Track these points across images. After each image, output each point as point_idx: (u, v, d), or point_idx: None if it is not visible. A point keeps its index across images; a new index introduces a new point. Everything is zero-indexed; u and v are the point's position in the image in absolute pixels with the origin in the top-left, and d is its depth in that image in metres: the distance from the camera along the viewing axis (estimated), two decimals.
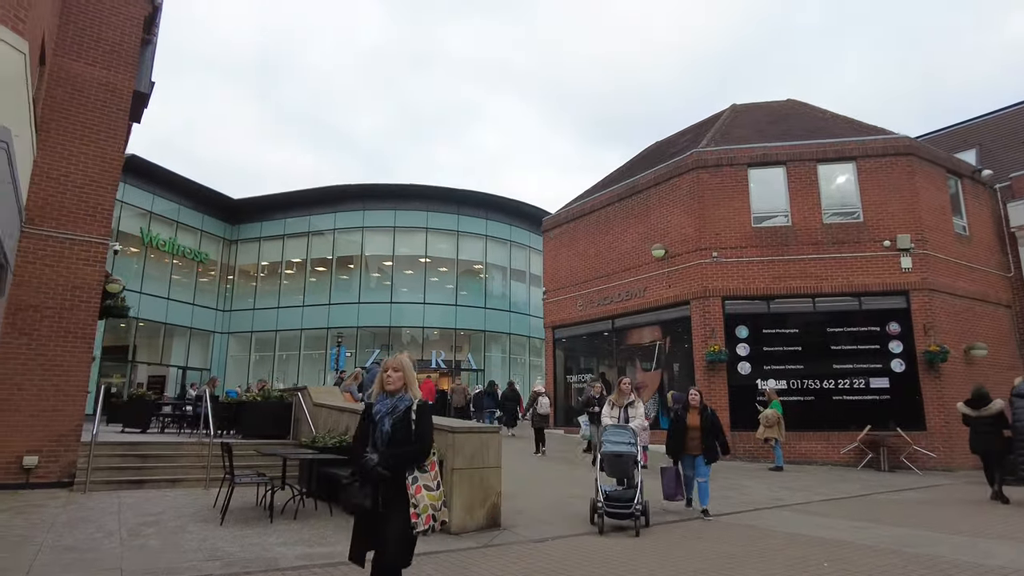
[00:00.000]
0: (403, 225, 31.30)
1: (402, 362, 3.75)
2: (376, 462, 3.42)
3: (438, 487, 3.58)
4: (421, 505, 3.42)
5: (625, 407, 7.92)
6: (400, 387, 3.68)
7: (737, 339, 14.83)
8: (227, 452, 7.49)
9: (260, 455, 9.04)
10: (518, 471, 11.30)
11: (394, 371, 3.70)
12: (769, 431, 13.12)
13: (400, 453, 3.50)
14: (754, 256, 15.04)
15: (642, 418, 7.89)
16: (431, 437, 3.63)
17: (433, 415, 4.13)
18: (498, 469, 7.02)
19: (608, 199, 18.60)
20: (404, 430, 3.54)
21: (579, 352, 20.11)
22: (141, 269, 29.02)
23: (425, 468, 3.56)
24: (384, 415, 3.61)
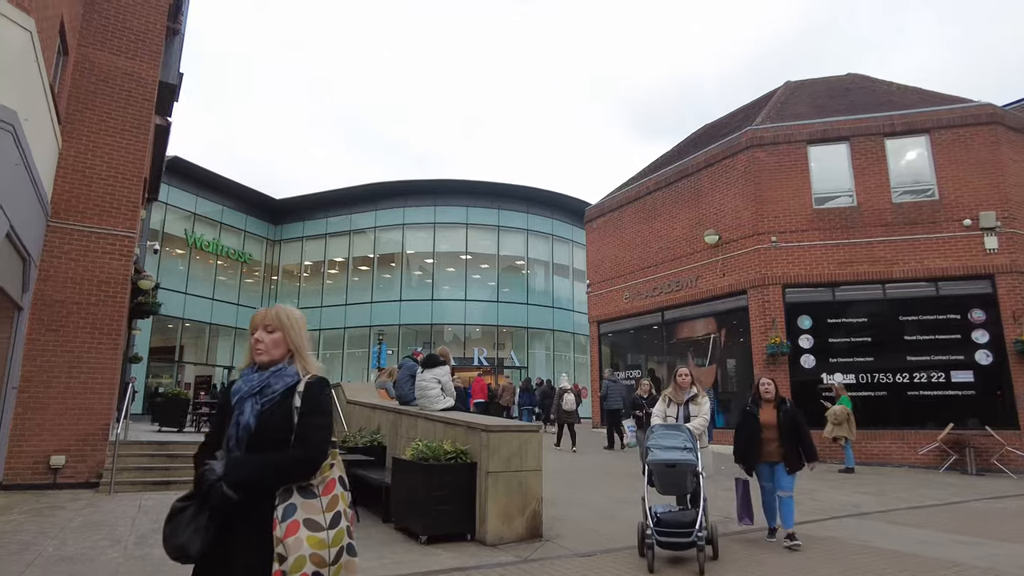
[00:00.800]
0: (443, 221, 30.82)
1: (279, 316, 2.27)
2: (218, 475, 1.96)
3: (335, 524, 2.00)
4: (292, 558, 1.88)
5: (686, 403, 6.32)
6: (278, 357, 2.22)
7: (799, 330, 13.69)
8: None
9: None
10: (557, 471, 10.52)
11: (266, 331, 2.23)
12: (838, 429, 11.99)
13: (262, 462, 2.01)
14: (816, 240, 13.87)
15: (706, 416, 6.25)
16: (324, 439, 2.09)
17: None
18: (539, 472, 6.25)
19: (655, 184, 17.61)
20: (278, 424, 2.08)
21: (626, 347, 19.17)
22: (186, 271, 29.28)
23: (312, 491, 2.02)
24: (244, 398, 2.12)
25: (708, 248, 15.39)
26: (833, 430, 12.02)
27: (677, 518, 5.36)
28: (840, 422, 11.96)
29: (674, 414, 6.34)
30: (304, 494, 2.00)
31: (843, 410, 11.83)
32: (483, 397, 20.79)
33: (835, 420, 12.03)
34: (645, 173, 19.48)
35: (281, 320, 2.28)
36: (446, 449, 6.22)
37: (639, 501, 8.15)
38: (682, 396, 6.41)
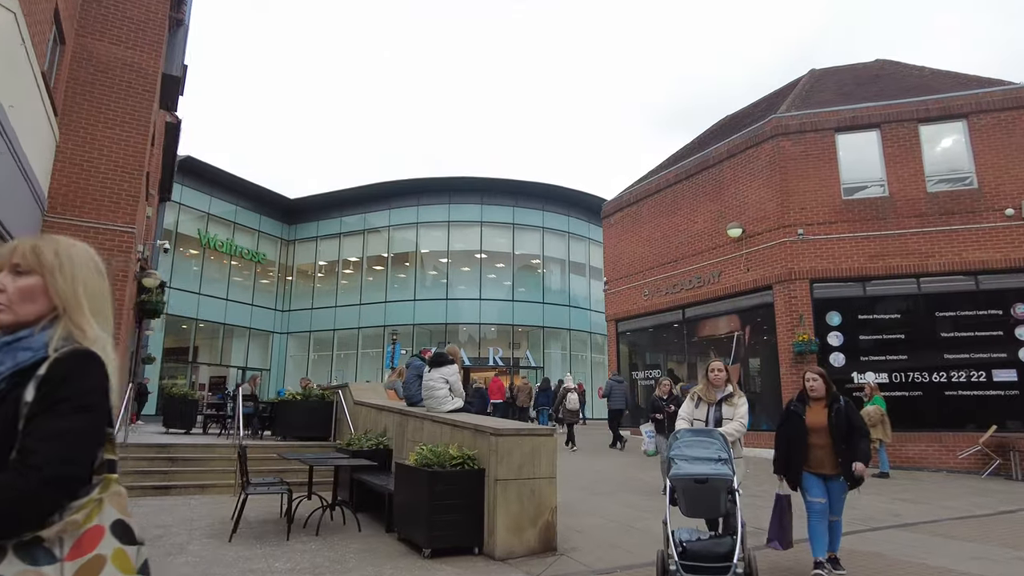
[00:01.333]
0: (458, 219, 30.39)
1: (39, 252, 1.37)
2: None
3: None
4: None
5: (718, 404, 5.23)
6: (28, 317, 1.34)
7: (828, 327, 13.03)
8: (241, 457, 6.50)
9: (283, 459, 8.02)
10: (569, 475, 9.99)
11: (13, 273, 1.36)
12: (872, 431, 11.29)
13: None
14: (845, 232, 13.20)
15: (744, 420, 5.15)
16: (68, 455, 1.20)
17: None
18: (552, 480, 5.74)
19: (675, 177, 17.00)
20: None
21: (645, 346, 18.58)
22: (200, 271, 29.16)
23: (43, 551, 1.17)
24: None
25: (731, 242, 14.76)
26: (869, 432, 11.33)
27: (708, 548, 4.31)
28: (874, 424, 11.28)
29: (703, 417, 5.26)
30: (25, 556, 1.15)
31: (877, 411, 11.16)
32: (501, 397, 20.44)
33: (869, 422, 11.34)
34: (664, 166, 18.87)
35: (41, 257, 1.36)
36: (452, 454, 5.74)
37: (659, 511, 7.65)
38: (714, 395, 5.27)
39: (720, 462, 4.48)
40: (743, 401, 5.30)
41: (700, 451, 4.58)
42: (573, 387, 14.68)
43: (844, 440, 4.84)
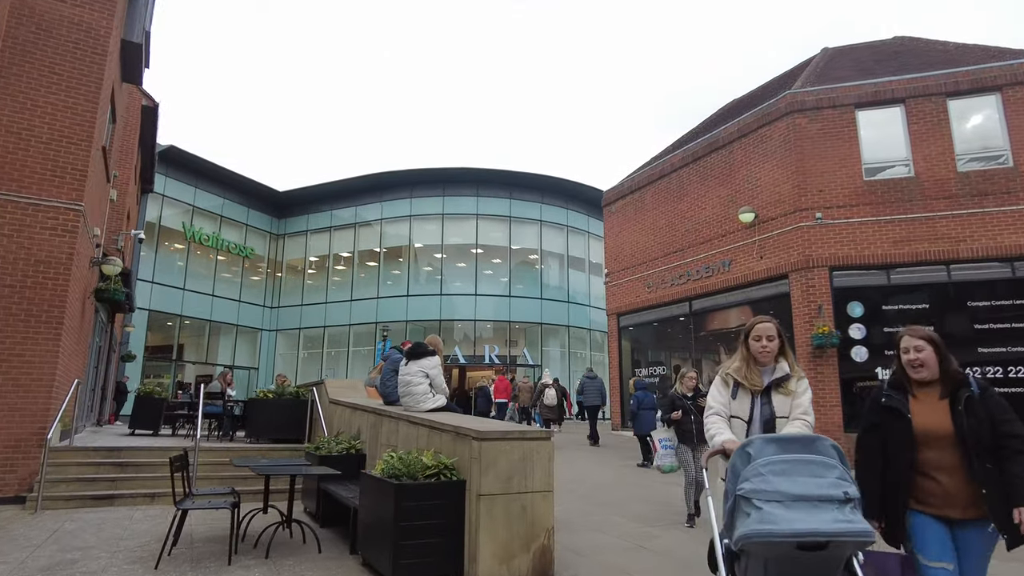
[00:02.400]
0: (452, 212, 29.33)
1: None
2: None
3: None
4: None
5: (767, 391, 3.18)
6: None
7: (849, 319, 11.99)
8: (178, 465, 5.42)
9: (240, 466, 6.94)
10: (566, 482, 8.93)
11: None
12: None
13: None
14: (868, 216, 12.16)
15: (811, 418, 3.12)
16: None
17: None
18: (549, 494, 4.67)
19: (681, 160, 15.95)
20: None
21: (648, 342, 17.53)
22: (184, 266, 28.07)
23: None
24: None
25: (743, 228, 13.71)
26: None
27: None
28: None
29: (745, 412, 3.17)
30: None
31: None
32: (506, 397, 19.62)
33: None
34: (669, 150, 17.82)
35: None
36: (425, 463, 4.67)
37: (674, 526, 6.59)
38: (760, 378, 3.19)
39: (848, 505, 2.36)
40: (805, 387, 3.19)
41: (806, 481, 2.41)
42: (551, 383, 14.42)
43: (987, 455, 2.71)
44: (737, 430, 3.14)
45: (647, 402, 11.57)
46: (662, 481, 9.41)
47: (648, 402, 11.61)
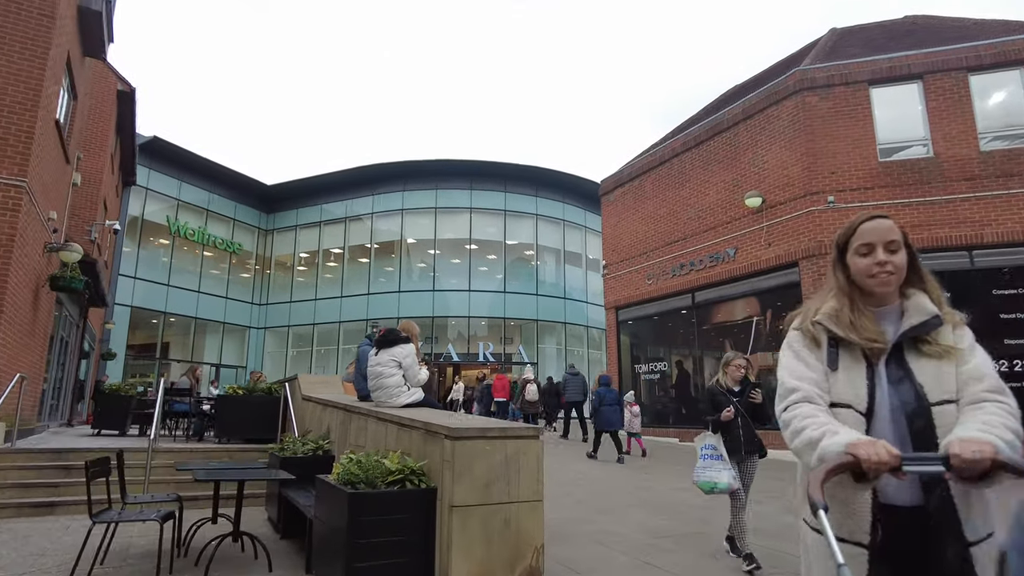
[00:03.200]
0: (445, 206, 28.49)
1: None
2: None
3: None
4: None
5: (900, 347, 1.60)
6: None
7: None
8: (97, 471, 4.58)
9: (178, 470, 6.09)
10: (561, 484, 8.11)
11: None
12: None
13: None
14: (883, 199, 11.38)
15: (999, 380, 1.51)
16: None
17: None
18: (538, 505, 3.86)
19: (683, 145, 15.16)
20: None
21: (648, 336, 16.73)
22: (169, 261, 27.19)
23: None
24: None
25: (749, 214, 12.93)
26: None
27: None
28: None
29: (860, 394, 1.57)
30: None
31: None
32: (506, 396, 18.98)
33: None
34: (670, 137, 17.03)
35: None
36: (388, 467, 3.86)
37: (690, 537, 5.78)
38: (881, 327, 1.65)
39: None
40: (970, 340, 1.66)
41: None
42: (532, 378, 14.63)
43: None
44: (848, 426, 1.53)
45: (608, 398, 11.46)
46: (664, 486, 8.62)
47: (610, 398, 11.49)
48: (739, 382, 5.19)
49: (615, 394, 11.67)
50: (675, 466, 10.39)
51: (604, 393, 11.51)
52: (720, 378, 5.28)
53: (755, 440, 5.06)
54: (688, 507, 7.05)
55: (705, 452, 5.02)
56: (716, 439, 4.99)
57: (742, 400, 5.04)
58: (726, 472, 4.85)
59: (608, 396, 11.49)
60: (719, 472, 4.87)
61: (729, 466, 4.87)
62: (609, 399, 11.46)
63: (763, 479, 7.99)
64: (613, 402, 11.46)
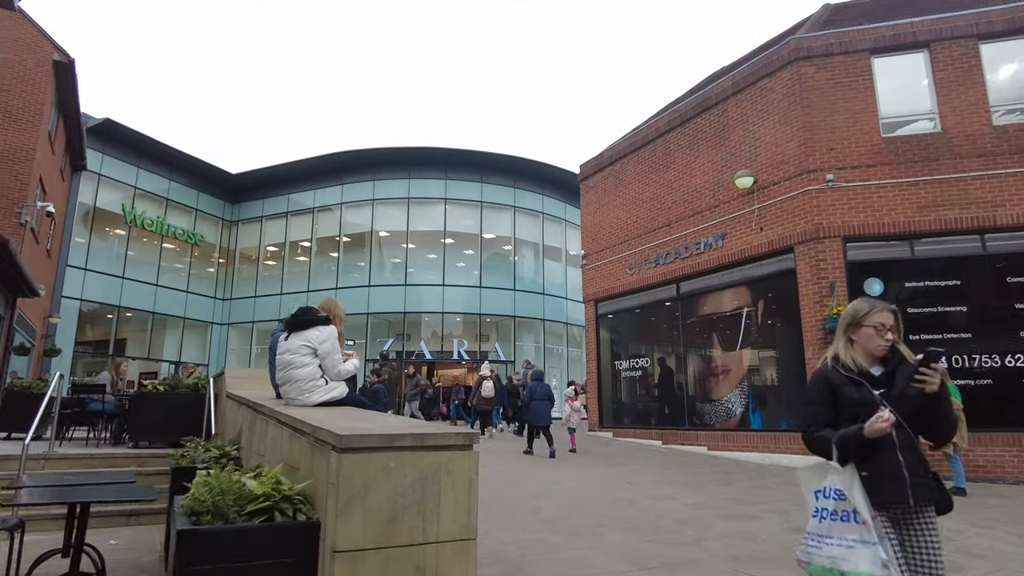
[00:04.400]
0: (419, 196, 27.22)
1: None
2: None
3: None
4: None
5: None
6: None
7: (867, 298, 10.17)
8: None
9: None
10: (521, 498, 6.93)
11: None
12: None
13: None
14: (887, 178, 10.37)
15: None
16: None
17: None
18: (468, 545, 2.66)
19: (668, 123, 14.07)
20: None
21: (630, 331, 15.62)
22: (124, 252, 25.60)
23: None
24: None
25: (739, 196, 11.87)
26: None
27: None
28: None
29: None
30: None
31: (954, 405, 8.32)
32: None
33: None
34: (654, 117, 15.94)
35: None
36: (250, 491, 2.64)
37: (673, 566, 4.62)
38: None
39: None
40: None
41: None
42: (489, 375, 14.36)
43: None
44: None
45: (539, 392, 11.27)
46: (647, 495, 7.49)
47: (541, 392, 11.28)
48: (881, 358, 2.57)
49: (547, 388, 11.40)
50: (665, 470, 9.28)
51: (535, 388, 11.30)
52: (842, 352, 2.63)
53: (926, 473, 2.41)
54: (675, 523, 5.91)
55: (824, 506, 2.43)
56: (847, 477, 2.37)
57: (898, 391, 2.43)
58: (866, 550, 2.24)
59: (539, 390, 11.23)
60: (854, 549, 2.27)
61: (874, 535, 2.25)
62: (540, 393, 11.19)
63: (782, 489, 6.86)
64: (544, 396, 11.19)
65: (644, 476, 8.94)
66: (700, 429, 12.41)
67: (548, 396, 11.33)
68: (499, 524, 5.78)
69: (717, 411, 12.20)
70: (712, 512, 6.47)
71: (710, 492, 7.74)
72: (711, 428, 12.22)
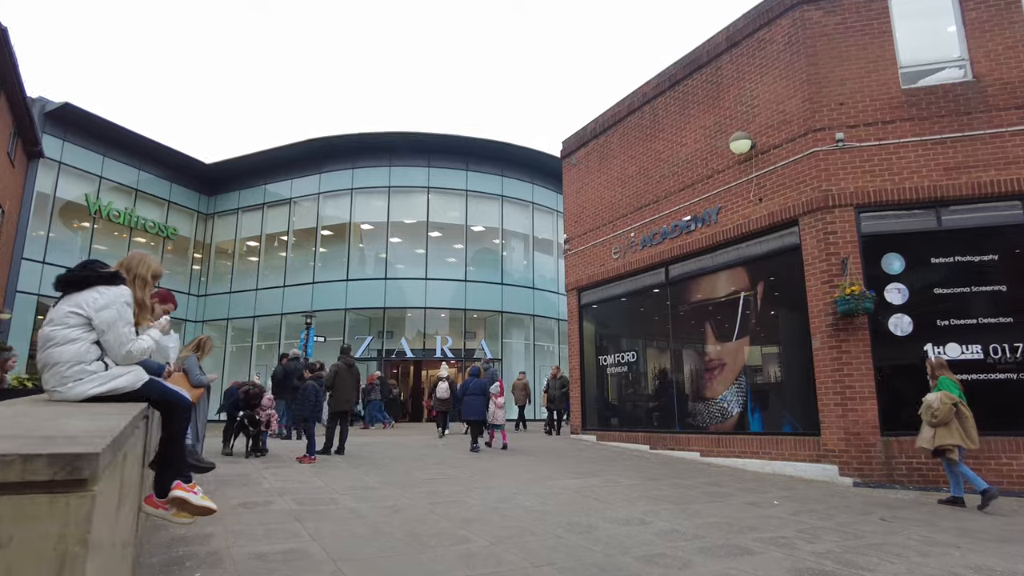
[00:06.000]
0: (400, 184, 25.73)
1: None
2: None
3: None
4: None
5: None
6: None
7: (885, 276, 8.63)
8: None
9: None
10: (468, 518, 5.36)
11: None
12: (942, 434, 6.94)
13: None
14: (908, 135, 8.81)
15: None
16: None
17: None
18: None
19: (656, 88, 12.53)
20: None
21: (616, 322, 14.06)
22: (88, 246, 24.18)
23: None
24: None
25: (735, 163, 10.32)
26: (935, 436, 6.95)
27: None
28: (942, 421, 6.91)
29: None
30: None
31: (945, 400, 6.84)
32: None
33: (933, 418, 6.99)
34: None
35: None
36: None
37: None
38: None
39: None
40: None
41: None
42: (445, 376, 14.64)
43: None
44: None
45: (473, 387, 11.39)
46: (614, 517, 5.94)
47: (475, 387, 11.37)
48: None
49: (481, 384, 11.45)
50: (645, 481, 7.72)
51: (469, 382, 11.53)
52: None
53: None
54: (640, 561, 4.36)
55: None
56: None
57: None
58: None
59: (473, 385, 11.39)
60: None
61: None
62: (474, 388, 11.34)
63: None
64: (477, 391, 11.30)
65: (618, 490, 7.40)
66: (692, 432, 10.86)
67: (481, 391, 11.35)
68: (398, 560, 4.27)
69: (711, 411, 10.64)
70: (692, 544, 4.93)
71: (695, 512, 6.19)
72: (704, 431, 10.66)
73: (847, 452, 8.16)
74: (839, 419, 8.30)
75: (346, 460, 9.59)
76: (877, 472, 7.94)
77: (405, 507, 6.07)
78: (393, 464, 9.20)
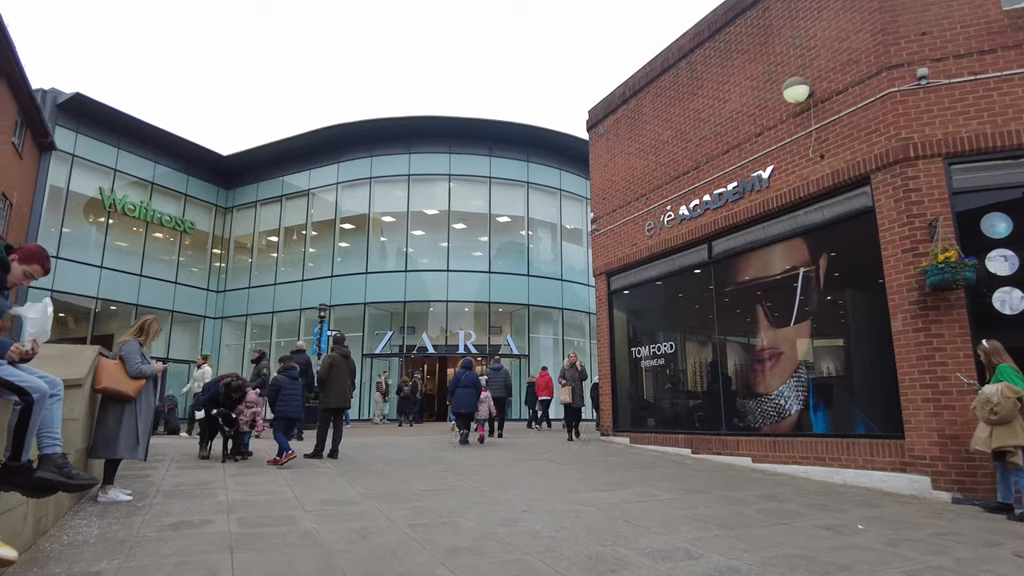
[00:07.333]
0: (420, 172, 24.53)
1: None
2: None
3: None
4: None
5: None
6: None
7: (985, 240, 6.98)
8: None
9: None
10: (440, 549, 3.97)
11: None
12: (1002, 434, 5.46)
13: None
14: (1013, 66, 7.14)
15: None
16: None
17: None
18: None
19: (694, 38, 10.98)
20: None
21: (651, 309, 12.53)
22: (103, 240, 23.56)
23: None
24: None
25: (789, 116, 8.74)
26: (993, 434, 5.45)
27: None
28: (1004, 417, 5.40)
29: None
30: None
31: (1006, 393, 5.37)
32: (549, 394, 17.31)
33: (991, 414, 5.48)
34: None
35: None
36: None
37: None
38: None
39: None
40: None
41: None
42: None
43: None
44: None
45: (465, 379, 11.19)
46: (650, 547, 4.51)
47: (467, 379, 11.18)
48: None
49: (473, 376, 11.29)
50: (687, 495, 6.25)
51: (461, 375, 11.32)
52: None
53: None
54: None
55: None
56: None
57: None
58: None
59: (464, 377, 11.22)
60: None
61: None
62: (465, 380, 11.17)
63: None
64: (469, 384, 11.14)
65: (654, 507, 5.94)
66: (741, 434, 9.31)
67: (473, 384, 11.17)
68: None
69: (764, 409, 9.08)
70: None
71: (755, 540, 4.72)
72: (756, 432, 9.10)
73: (942, 460, 6.54)
74: (930, 418, 6.69)
75: (337, 465, 8.32)
76: (983, 486, 6.31)
77: (378, 530, 4.74)
78: (389, 471, 7.89)
